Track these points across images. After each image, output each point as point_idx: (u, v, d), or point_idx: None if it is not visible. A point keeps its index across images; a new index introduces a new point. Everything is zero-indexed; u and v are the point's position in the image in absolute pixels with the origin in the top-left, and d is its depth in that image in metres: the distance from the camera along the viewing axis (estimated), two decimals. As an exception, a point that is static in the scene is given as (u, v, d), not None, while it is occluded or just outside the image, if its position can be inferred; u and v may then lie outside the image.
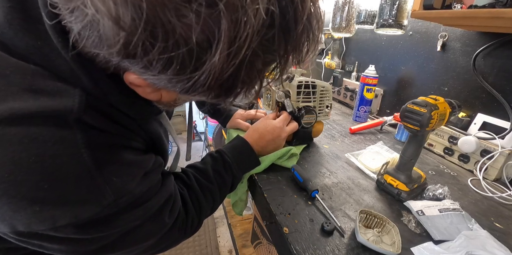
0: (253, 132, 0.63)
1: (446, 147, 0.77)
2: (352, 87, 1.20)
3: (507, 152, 0.63)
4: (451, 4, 0.55)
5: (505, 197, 0.58)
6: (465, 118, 0.75)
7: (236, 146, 0.59)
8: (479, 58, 0.72)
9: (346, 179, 0.61)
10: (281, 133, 0.63)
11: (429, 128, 0.49)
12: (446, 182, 0.63)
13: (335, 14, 1.07)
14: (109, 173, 0.30)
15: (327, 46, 1.43)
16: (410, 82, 0.95)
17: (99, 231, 0.31)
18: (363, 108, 1.01)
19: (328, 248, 0.41)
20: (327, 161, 0.69)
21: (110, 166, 0.31)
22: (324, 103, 0.74)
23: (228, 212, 1.65)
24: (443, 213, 0.49)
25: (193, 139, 2.75)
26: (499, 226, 0.50)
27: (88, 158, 0.28)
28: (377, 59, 1.10)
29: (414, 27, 0.91)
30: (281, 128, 0.64)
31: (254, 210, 1.31)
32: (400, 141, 0.86)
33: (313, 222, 0.47)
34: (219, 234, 1.62)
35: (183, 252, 1.47)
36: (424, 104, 0.48)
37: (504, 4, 0.45)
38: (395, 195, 0.55)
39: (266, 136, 0.62)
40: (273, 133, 0.62)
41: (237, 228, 1.50)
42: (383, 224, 0.46)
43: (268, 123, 0.64)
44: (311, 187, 0.53)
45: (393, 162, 0.65)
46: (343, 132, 0.91)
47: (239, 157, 0.56)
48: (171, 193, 0.42)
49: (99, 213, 0.30)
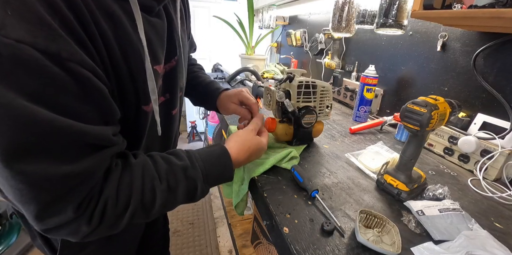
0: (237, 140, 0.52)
1: (446, 147, 0.77)
2: (352, 87, 1.21)
3: (507, 152, 0.63)
4: (451, 4, 0.55)
5: (505, 197, 0.58)
6: (465, 118, 0.75)
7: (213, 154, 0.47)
8: (479, 58, 0.72)
9: (346, 179, 0.61)
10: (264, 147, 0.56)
11: (429, 128, 0.49)
12: (446, 182, 0.63)
13: (335, 14, 1.07)
14: (5, 1, 0.24)
15: (327, 46, 1.43)
16: (410, 82, 0.95)
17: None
18: (363, 108, 1.01)
19: (328, 248, 0.41)
20: (327, 161, 0.69)
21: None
22: (324, 103, 0.74)
23: (228, 212, 1.65)
24: (443, 213, 0.49)
25: (193, 139, 2.75)
26: (499, 226, 0.50)
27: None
28: (377, 59, 1.10)
29: (414, 27, 0.91)
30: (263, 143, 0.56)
31: (254, 210, 1.31)
32: (400, 141, 0.86)
33: (313, 222, 0.47)
34: (219, 234, 1.62)
35: (183, 252, 1.47)
36: (424, 104, 0.48)
37: (504, 4, 0.45)
38: (395, 195, 0.55)
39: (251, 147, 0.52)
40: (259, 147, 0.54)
41: (237, 228, 1.50)
42: (383, 224, 0.46)
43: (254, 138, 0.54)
44: (311, 187, 0.53)
45: (393, 162, 0.65)
46: (343, 132, 0.91)
47: (212, 169, 0.45)
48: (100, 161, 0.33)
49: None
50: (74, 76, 0.29)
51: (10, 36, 0.24)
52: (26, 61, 0.25)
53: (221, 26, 1.78)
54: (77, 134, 0.30)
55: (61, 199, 0.31)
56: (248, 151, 0.51)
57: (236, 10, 1.78)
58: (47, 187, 0.30)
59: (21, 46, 0.25)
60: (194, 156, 0.45)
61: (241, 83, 1.47)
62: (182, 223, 1.69)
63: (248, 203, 1.54)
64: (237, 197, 0.65)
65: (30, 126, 0.26)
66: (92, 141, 0.32)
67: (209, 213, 1.80)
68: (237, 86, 1.48)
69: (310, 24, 1.67)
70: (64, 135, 0.29)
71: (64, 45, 0.28)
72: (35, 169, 0.28)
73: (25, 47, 0.25)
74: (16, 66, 0.25)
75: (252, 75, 1.43)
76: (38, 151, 0.28)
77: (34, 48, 0.25)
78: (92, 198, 0.34)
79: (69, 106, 0.29)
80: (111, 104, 0.34)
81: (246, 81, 1.44)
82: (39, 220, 0.31)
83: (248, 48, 1.81)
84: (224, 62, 1.99)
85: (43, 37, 0.26)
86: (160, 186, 0.39)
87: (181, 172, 0.42)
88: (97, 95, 0.32)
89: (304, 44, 1.70)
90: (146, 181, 0.38)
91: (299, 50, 1.82)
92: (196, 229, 1.66)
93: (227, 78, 1.50)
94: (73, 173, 0.30)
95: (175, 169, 0.42)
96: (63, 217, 0.32)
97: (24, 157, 0.28)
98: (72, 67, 0.28)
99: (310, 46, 1.62)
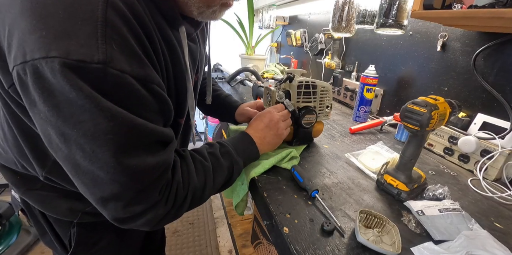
0: (249, 125, 0.63)
1: (446, 147, 0.77)
2: (352, 87, 1.21)
3: (507, 152, 0.63)
4: (451, 4, 0.55)
5: (505, 197, 0.58)
6: (465, 118, 0.75)
7: (234, 136, 0.59)
8: (479, 58, 0.72)
9: (346, 179, 0.61)
10: (273, 116, 0.63)
11: (429, 128, 0.49)
12: (446, 182, 0.63)
13: (335, 14, 1.07)
14: (111, 38, 0.31)
15: (327, 46, 1.44)
16: (410, 82, 0.95)
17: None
18: (363, 108, 1.01)
19: (328, 248, 0.41)
20: (327, 161, 0.69)
21: (115, 32, 0.32)
22: (324, 103, 0.74)
23: (228, 212, 1.65)
24: (443, 213, 0.49)
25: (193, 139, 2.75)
26: (499, 226, 0.50)
27: (101, 11, 0.30)
28: (377, 59, 1.10)
29: (414, 27, 0.91)
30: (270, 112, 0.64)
31: (254, 210, 1.31)
32: (400, 141, 0.86)
33: (313, 222, 0.47)
34: (219, 234, 1.62)
35: (183, 252, 1.47)
36: (424, 104, 0.48)
37: (504, 4, 0.45)
38: (395, 195, 0.55)
39: (258, 125, 0.61)
40: (264, 119, 0.62)
41: (237, 228, 1.50)
42: (383, 224, 0.46)
43: (257, 114, 0.65)
44: (311, 187, 0.53)
45: (393, 162, 0.65)
46: (343, 132, 0.91)
47: (238, 143, 0.56)
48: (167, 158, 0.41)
49: (87, 64, 0.30)
50: (154, 94, 0.37)
51: (116, 67, 0.32)
52: (126, 86, 0.33)
53: (221, 26, 1.78)
54: (158, 134, 0.39)
55: (152, 184, 0.38)
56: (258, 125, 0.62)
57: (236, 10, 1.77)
58: (145, 175, 0.37)
59: (123, 76, 0.32)
60: (221, 140, 0.56)
61: (241, 83, 1.47)
62: (182, 223, 1.69)
63: (248, 203, 1.54)
64: (237, 197, 0.65)
65: (132, 129, 0.35)
66: (165, 139, 0.41)
67: (209, 213, 1.80)
68: (237, 86, 1.48)
69: (310, 24, 1.67)
70: (151, 135, 0.37)
71: (148, 71, 0.36)
72: (138, 162, 0.36)
73: (126, 76, 0.33)
74: (120, 89, 0.33)
75: (252, 75, 1.43)
76: (139, 147, 0.36)
77: (131, 76, 0.33)
78: (168, 183, 0.42)
79: (152, 114, 0.38)
80: (171, 112, 0.44)
81: (246, 81, 1.44)
82: (127, 208, 0.38)
83: (248, 48, 1.81)
84: (224, 62, 1.99)
85: (136, 66, 0.34)
86: (207, 164, 0.49)
87: (217, 152, 0.52)
88: (166, 107, 0.41)
89: (304, 44, 1.70)
90: (198, 165, 0.48)
91: (299, 50, 1.82)
92: (196, 229, 1.66)
93: (227, 78, 1.49)
94: (159, 163, 0.38)
95: (212, 151, 0.52)
96: (150, 201, 0.39)
97: (130, 153, 0.35)
98: (154, 88, 0.37)
99: (310, 46, 1.61)
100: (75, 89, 0.30)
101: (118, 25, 0.32)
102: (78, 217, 0.52)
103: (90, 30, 0.30)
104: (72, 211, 0.52)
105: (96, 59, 0.30)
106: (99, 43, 0.30)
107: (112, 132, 0.33)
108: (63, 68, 0.29)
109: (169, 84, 0.45)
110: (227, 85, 1.48)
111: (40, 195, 0.51)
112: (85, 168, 0.34)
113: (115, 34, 0.32)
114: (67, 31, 0.30)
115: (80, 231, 0.54)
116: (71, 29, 0.30)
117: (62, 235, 0.56)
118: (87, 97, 0.31)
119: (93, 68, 0.30)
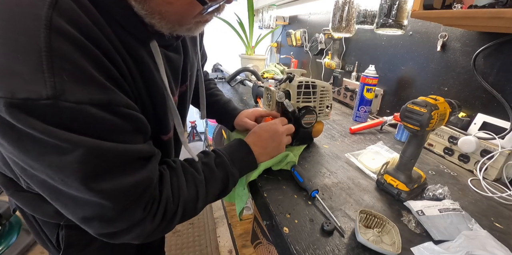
0: (249, 134, 0.62)
1: (446, 147, 0.77)
2: (352, 87, 1.21)
3: (507, 152, 0.63)
4: (451, 4, 0.55)
5: (505, 197, 0.58)
6: (465, 118, 0.75)
7: (232, 144, 0.58)
8: (479, 58, 0.72)
9: (346, 179, 0.61)
10: (278, 128, 0.63)
11: (429, 128, 0.49)
12: (446, 182, 0.63)
13: (335, 14, 1.07)
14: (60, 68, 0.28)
15: (327, 46, 1.44)
16: (410, 82, 0.95)
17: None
18: (363, 108, 1.01)
19: (328, 248, 0.41)
20: (327, 161, 0.69)
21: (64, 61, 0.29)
22: (324, 103, 0.74)
23: (228, 212, 1.65)
24: (443, 213, 0.49)
25: (193, 139, 2.75)
26: (499, 226, 0.50)
27: (43, 38, 0.27)
28: (377, 59, 1.10)
29: (414, 27, 0.91)
30: (275, 124, 0.64)
31: (254, 210, 1.31)
32: (400, 141, 0.86)
33: (313, 222, 0.47)
34: (219, 234, 1.62)
35: (183, 252, 1.47)
36: (424, 104, 0.48)
37: (504, 4, 0.45)
38: (395, 195, 0.55)
39: (263, 134, 0.61)
40: (269, 130, 0.62)
41: (237, 228, 1.50)
42: (383, 224, 0.46)
43: (263, 124, 0.64)
44: (311, 187, 0.53)
45: (393, 162, 0.65)
46: (343, 132, 0.91)
47: (234, 153, 0.55)
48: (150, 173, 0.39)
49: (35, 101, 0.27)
50: (123, 117, 0.35)
51: (70, 100, 0.29)
52: (85, 116, 0.31)
53: (221, 26, 1.78)
54: (134, 153, 0.37)
55: (134, 203, 0.37)
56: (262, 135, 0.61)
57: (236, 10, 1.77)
58: (123, 196, 0.36)
59: (80, 107, 0.30)
60: (217, 149, 0.54)
61: (241, 83, 1.47)
62: (182, 223, 1.69)
63: (248, 203, 1.55)
64: (241, 202, 0.63)
65: (100, 155, 0.33)
66: (144, 154, 0.39)
67: (209, 213, 1.79)
68: (237, 86, 1.48)
69: (310, 24, 1.66)
70: (125, 156, 0.36)
71: (112, 95, 0.33)
72: (113, 185, 0.34)
73: (83, 107, 0.30)
74: (79, 120, 0.31)
75: (252, 75, 1.43)
76: (112, 170, 0.35)
77: (91, 105, 0.31)
78: (155, 199, 0.40)
79: (124, 136, 0.36)
80: (148, 127, 0.41)
81: (246, 81, 1.44)
82: (112, 225, 0.37)
83: (248, 48, 1.81)
84: (224, 62, 1.99)
85: (96, 92, 0.31)
86: (199, 177, 0.47)
87: (212, 163, 0.50)
88: (141, 125, 0.39)
89: (304, 44, 1.69)
90: (188, 177, 0.46)
91: (299, 50, 1.82)
92: (196, 229, 1.66)
93: (227, 78, 1.49)
94: (138, 181, 0.37)
95: (207, 161, 0.50)
96: (135, 218, 0.38)
97: (102, 177, 0.34)
98: (121, 111, 0.35)
99: (310, 46, 1.61)
100: (27, 127, 0.28)
101: (67, 52, 0.29)
102: (64, 219, 0.51)
103: (34, 63, 0.27)
104: (58, 213, 0.49)
105: (44, 95, 0.27)
106: (46, 76, 0.27)
107: (77, 161, 0.31)
108: (10, 109, 0.27)
109: (144, 102, 0.43)
110: (227, 85, 1.48)
111: (26, 196, 0.50)
112: (62, 191, 0.34)
113: (65, 62, 0.29)
114: (10, 68, 0.27)
115: (69, 233, 0.53)
116: (14, 65, 0.27)
117: (50, 236, 0.55)
118: (43, 132, 0.29)
119: (43, 105, 0.28)
